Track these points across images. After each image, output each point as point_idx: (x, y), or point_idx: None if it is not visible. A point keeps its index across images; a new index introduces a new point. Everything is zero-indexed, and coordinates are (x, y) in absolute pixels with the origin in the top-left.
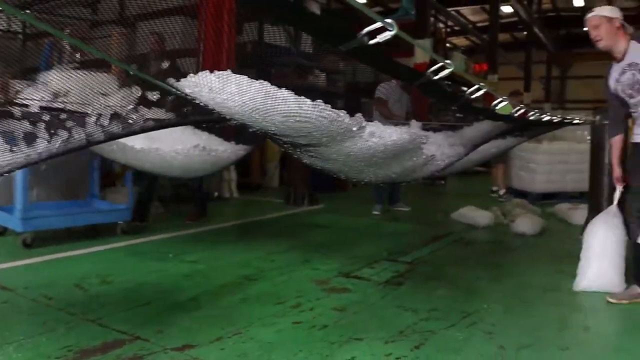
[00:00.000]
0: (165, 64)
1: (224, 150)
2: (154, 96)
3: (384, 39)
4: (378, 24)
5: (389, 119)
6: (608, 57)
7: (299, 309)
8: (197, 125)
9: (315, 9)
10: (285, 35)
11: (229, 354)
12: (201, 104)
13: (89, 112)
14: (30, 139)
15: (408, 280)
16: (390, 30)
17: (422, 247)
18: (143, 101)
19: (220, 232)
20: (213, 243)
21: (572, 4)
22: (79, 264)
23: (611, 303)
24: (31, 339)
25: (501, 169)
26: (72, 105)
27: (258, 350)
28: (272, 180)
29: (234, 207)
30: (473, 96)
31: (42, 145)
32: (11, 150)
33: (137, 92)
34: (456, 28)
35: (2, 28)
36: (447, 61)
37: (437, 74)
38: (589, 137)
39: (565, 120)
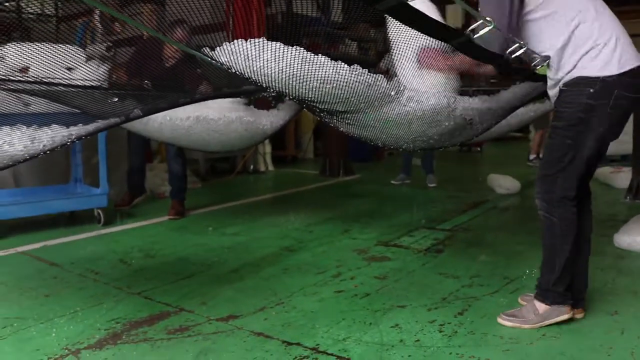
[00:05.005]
0: None
1: (260, 121)
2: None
3: None
4: None
5: None
6: None
7: (340, 278)
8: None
9: None
10: (314, 4)
11: (273, 323)
12: (237, 72)
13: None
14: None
15: (448, 247)
16: None
17: (460, 214)
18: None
19: (258, 204)
20: (251, 216)
21: None
22: (122, 239)
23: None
24: (81, 312)
25: (539, 134)
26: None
27: (302, 319)
28: (307, 151)
29: (269, 180)
30: (513, 55)
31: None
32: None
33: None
34: None
35: (37, 11)
36: (488, 18)
37: (476, 33)
38: None
39: None
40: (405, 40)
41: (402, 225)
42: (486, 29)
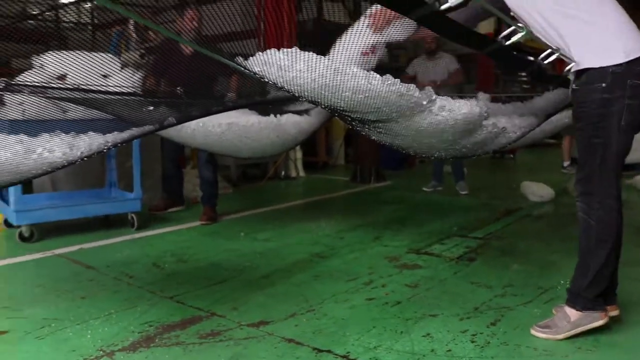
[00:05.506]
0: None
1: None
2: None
3: (455, 3)
4: None
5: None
6: None
7: (371, 286)
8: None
9: None
10: (344, 11)
11: (304, 330)
12: (269, 82)
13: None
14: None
15: (480, 255)
16: None
17: (493, 222)
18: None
19: (288, 210)
20: (283, 221)
21: None
22: (155, 243)
23: None
24: (115, 315)
25: (567, 139)
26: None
27: (332, 326)
28: (338, 158)
29: (301, 186)
30: (546, 62)
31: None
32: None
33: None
34: None
35: (72, 20)
36: (519, 25)
37: (508, 39)
38: None
39: None
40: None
41: (433, 233)
42: (519, 35)
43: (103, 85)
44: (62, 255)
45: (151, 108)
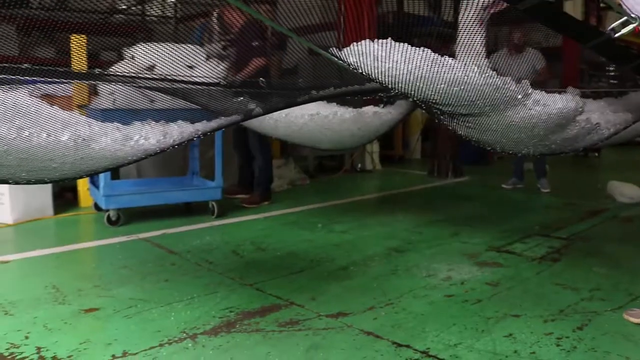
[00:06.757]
0: None
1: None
2: None
3: None
4: None
5: None
6: None
7: (450, 282)
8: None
9: None
10: (425, 3)
11: (383, 323)
12: (363, 73)
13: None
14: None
15: (564, 256)
16: None
17: (577, 222)
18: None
19: (365, 203)
20: (359, 214)
21: None
22: (234, 232)
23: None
24: (197, 299)
25: None
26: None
27: (411, 321)
28: (414, 152)
29: (377, 179)
30: None
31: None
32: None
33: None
34: None
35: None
36: (633, 15)
37: (616, 32)
38: None
39: None
40: None
41: (514, 231)
42: (630, 27)
43: (189, 76)
44: (146, 239)
45: (240, 98)
